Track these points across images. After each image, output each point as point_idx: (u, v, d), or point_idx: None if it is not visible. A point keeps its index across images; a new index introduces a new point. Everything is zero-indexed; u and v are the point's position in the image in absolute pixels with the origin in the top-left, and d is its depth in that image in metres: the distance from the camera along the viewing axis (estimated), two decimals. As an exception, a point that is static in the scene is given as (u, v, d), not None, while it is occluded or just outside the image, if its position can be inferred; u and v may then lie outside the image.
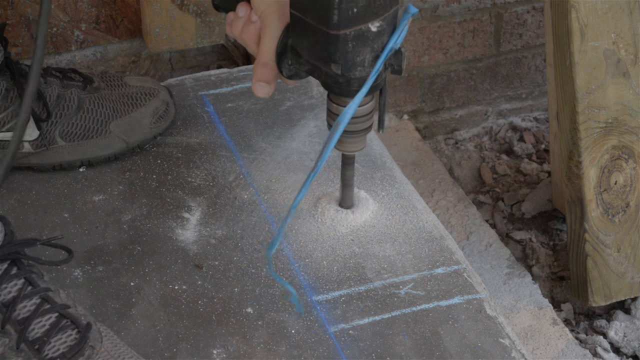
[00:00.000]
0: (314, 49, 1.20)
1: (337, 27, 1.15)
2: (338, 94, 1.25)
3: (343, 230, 1.42)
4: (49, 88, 1.48)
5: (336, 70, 1.20)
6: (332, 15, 1.14)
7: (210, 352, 1.27)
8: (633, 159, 1.62)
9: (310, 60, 1.23)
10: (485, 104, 2.08)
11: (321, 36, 1.17)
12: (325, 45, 1.18)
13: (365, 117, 1.30)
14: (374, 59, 1.20)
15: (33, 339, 1.16)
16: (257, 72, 1.26)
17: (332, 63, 1.19)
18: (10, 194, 1.48)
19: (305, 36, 1.19)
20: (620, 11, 1.57)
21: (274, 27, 1.24)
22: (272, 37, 1.24)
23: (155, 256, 1.39)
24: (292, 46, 1.24)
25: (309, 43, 1.20)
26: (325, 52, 1.19)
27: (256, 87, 1.27)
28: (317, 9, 1.16)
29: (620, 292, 1.66)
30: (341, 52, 1.18)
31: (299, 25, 1.19)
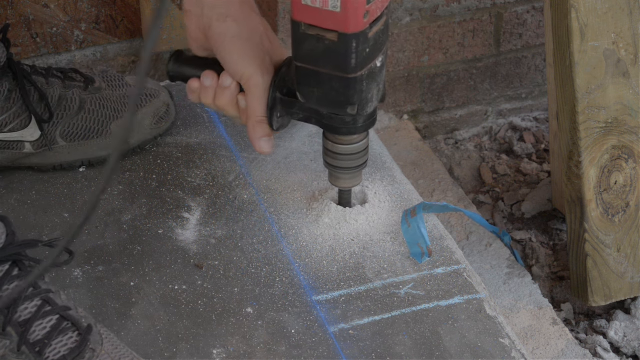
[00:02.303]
0: (327, 97, 1.23)
1: (355, 70, 1.19)
2: (345, 134, 1.30)
3: (343, 230, 1.42)
4: (50, 89, 1.48)
5: (352, 112, 1.24)
6: (350, 60, 1.17)
7: (210, 352, 1.27)
8: (633, 159, 1.62)
9: (319, 108, 1.26)
10: (485, 104, 2.08)
11: (338, 82, 1.20)
12: (344, 90, 1.21)
13: (360, 153, 1.34)
14: (377, 93, 1.25)
15: (34, 341, 1.16)
16: (256, 131, 1.28)
17: (349, 105, 1.23)
18: (10, 194, 1.48)
19: (317, 86, 1.22)
20: (620, 11, 1.57)
21: (260, 84, 1.25)
22: (262, 95, 1.26)
23: (155, 256, 1.39)
24: (282, 99, 1.26)
25: (321, 92, 1.22)
26: (342, 97, 1.22)
27: (262, 145, 1.29)
28: (332, 58, 1.18)
29: (620, 292, 1.66)
30: (358, 93, 1.21)
31: (309, 76, 1.21)
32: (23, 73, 1.46)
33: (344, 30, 1.15)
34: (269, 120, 1.27)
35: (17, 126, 1.46)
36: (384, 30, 1.20)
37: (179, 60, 1.33)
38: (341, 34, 1.15)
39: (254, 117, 1.27)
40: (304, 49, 1.19)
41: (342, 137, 1.30)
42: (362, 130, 1.29)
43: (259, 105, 1.27)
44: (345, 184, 1.38)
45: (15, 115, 1.46)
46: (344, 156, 1.33)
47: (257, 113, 1.27)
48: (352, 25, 1.14)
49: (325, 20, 1.15)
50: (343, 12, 1.13)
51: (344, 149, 1.32)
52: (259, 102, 1.26)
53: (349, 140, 1.31)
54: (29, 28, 1.71)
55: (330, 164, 1.35)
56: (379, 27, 1.19)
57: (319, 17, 1.15)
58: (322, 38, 1.17)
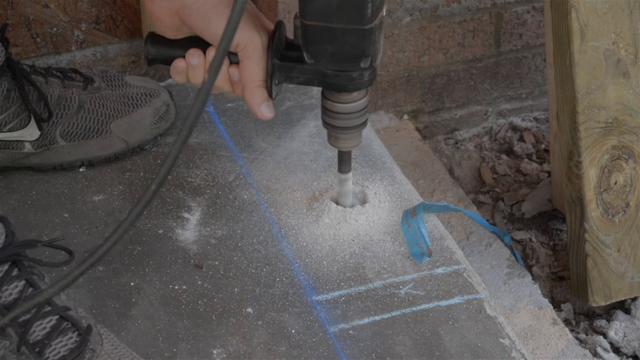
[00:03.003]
0: (341, 52, 1.21)
1: (370, 20, 1.18)
2: (351, 90, 1.27)
3: (343, 230, 1.42)
4: (50, 88, 1.48)
5: (365, 64, 1.23)
6: (366, 10, 1.17)
7: (210, 352, 1.27)
8: (633, 159, 1.62)
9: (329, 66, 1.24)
10: (485, 104, 2.08)
11: (353, 35, 1.19)
12: (359, 42, 1.20)
13: (360, 112, 1.31)
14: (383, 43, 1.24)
15: (34, 341, 1.16)
16: (256, 96, 1.23)
17: (364, 58, 1.22)
18: (10, 194, 1.48)
19: (331, 42, 1.21)
20: (620, 11, 1.57)
21: (259, 47, 1.21)
22: (260, 59, 1.21)
23: (155, 256, 1.39)
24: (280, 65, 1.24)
25: (334, 48, 1.21)
26: (357, 50, 1.21)
27: (263, 110, 1.24)
28: (346, 11, 1.17)
29: (620, 292, 1.66)
30: (373, 44, 1.20)
31: (322, 34, 1.20)
32: (22, 72, 1.46)
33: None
34: (268, 88, 1.24)
35: (17, 125, 1.46)
36: None
37: (156, 41, 1.27)
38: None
39: (253, 82, 1.22)
40: (317, 5, 1.17)
41: (344, 95, 1.28)
42: (368, 84, 1.27)
43: (258, 70, 1.22)
44: (344, 144, 1.35)
45: (15, 115, 1.46)
46: (343, 115, 1.30)
47: (256, 78, 1.22)
48: None
49: None
50: None
51: (343, 107, 1.29)
52: (258, 65, 1.21)
53: (351, 99, 1.28)
54: (29, 28, 1.71)
55: (330, 124, 1.32)
56: None
57: None
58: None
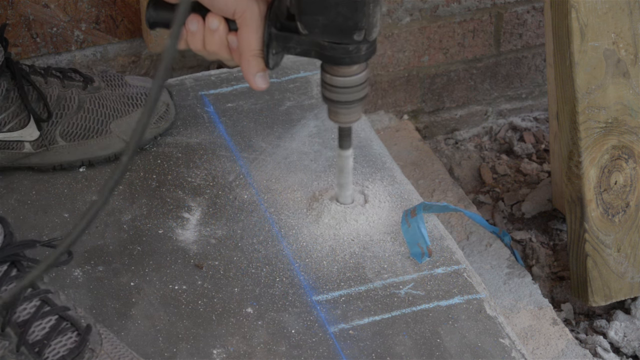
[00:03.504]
0: (333, 23, 1.19)
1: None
2: (348, 63, 1.25)
3: (343, 230, 1.42)
4: (49, 88, 1.48)
5: (358, 37, 1.20)
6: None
7: (210, 352, 1.27)
8: (633, 159, 1.62)
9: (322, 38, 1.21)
10: (485, 104, 2.08)
11: (345, 7, 1.17)
12: (351, 14, 1.17)
13: (360, 86, 1.29)
14: (380, 17, 1.21)
15: (33, 341, 1.16)
16: (251, 65, 1.21)
17: (357, 31, 1.19)
18: (10, 194, 1.48)
19: (323, 13, 1.18)
20: (620, 11, 1.57)
21: (256, 15, 1.18)
22: (257, 28, 1.19)
23: (155, 256, 1.39)
24: (277, 35, 1.21)
25: (327, 19, 1.19)
26: (350, 22, 1.18)
27: (257, 80, 1.22)
28: None
29: (620, 292, 1.66)
30: (366, 17, 1.18)
31: (314, 4, 1.18)
32: (21, 72, 1.46)
33: None
34: (264, 57, 1.22)
35: (16, 125, 1.46)
36: None
37: (158, 5, 1.25)
38: None
39: (249, 51, 1.20)
40: None
41: (343, 69, 1.26)
42: (365, 59, 1.25)
43: (254, 38, 1.20)
44: (344, 119, 1.32)
45: (14, 115, 1.46)
46: (343, 89, 1.28)
47: (252, 46, 1.20)
48: None
49: None
50: None
51: (343, 81, 1.27)
52: (254, 34, 1.19)
53: (348, 72, 1.26)
54: (29, 28, 1.71)
55: (329, 98, 1.30)
56: None
57: None
58: None
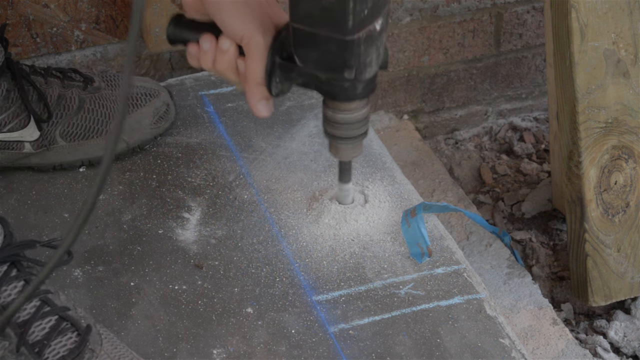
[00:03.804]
0: (324, 60, 1.20)
1: (352, 32, 1.16)
2: (343, 100, 1.26)
3: (343, 230, 1.42)
4: (49, 88, 1.48)
5: (349, 76, 1.21)
6: (347, 21, 1.15)
7: (210, 352, 1.27)
8: (633, 159, 1.62)
9: (316, 72, 1.23)
10: (485, 104, 2.08)
11: (334, 44, 1.17)
12: (340, 52, 1.18)
13: (360, 122, 1.30)
14: (377, 58, 1.22)
15: (33, 342, 1.16)
16: (254, 93, 1.24)
17: (347, 69, 1.20)
18: (10, 194, 1.48)
19: (314, 48, 1.20)
20: (620, 11, 1.57)
21: (260, 44, 1.22)
22: (261, 58, 1.22)
23: (155, 256, 1.39)
24: (281, 64, 1.24)
25: (318, 54, 1.20)
26: (339, 60, 1.19)
27: (259, 108, 1.25)
28: (328, 19, 1.16)
29: (620, 292, 1.66)
30: (355, 57, 1.18)
31: (306, 38, 1.19)
32: (21, 73, 1.46)
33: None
34: (267, 84, 1.24)
35: (16, 126, 1.46)
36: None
37: (178, 23, 1.29)
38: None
39: (253, 79, 1.23)
40: (301, 9, 1.16)
41: (341, 104, 1.27)
42: (361, 97, 1.25)
43: (258, 67, 1.23)
44: (345, 154, 1.34)
45: (14, 115, 1.46)
46: (343, 125, 1.29)
47: (256, 75, 1.23)
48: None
49: None
50: None
51: (343, 117, 1.28)
52: (258, 63, 1.23)
53: (349, 108, 1.27)
54: (29, 28, 1.71)
55: (330, 133, 1.31)
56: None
57: None
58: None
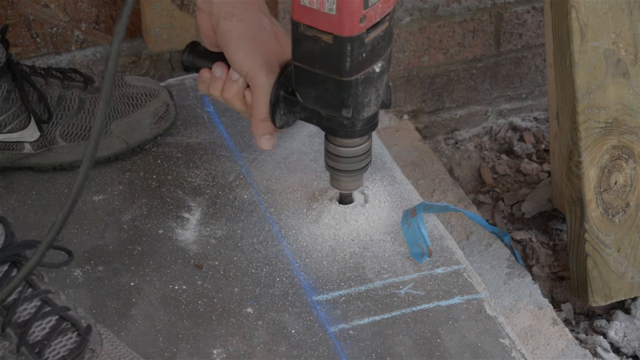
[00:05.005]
0: (323, 98, 1.23)
1: (349, 74, 1.19)
2: (342, 136, 1.30)
3: (343, 230, 1.42)
4: (50, 89, 1.48)
5: (347, 114, 1.24)
6: (344, 63, 1.18)
7: (210, 352, 1.27)
8: (633, 159, 1.62)
9: (316, 108, 1.26)
10: (485, 104, 2.08)
11: (332, 84, 1.21)
12: (338, 92, 1.21)
13: (361, 156, 1.33)
14: (376, 98, 1.25)
15: (33, 342, 1.16)
16: (259, 128, 1.30)
17: (344, 108, 1.23)
18: (10, 194, 1.48)
19: (314, 86, 1.22)
20: (620, 11, 1.57)
21: (264, 83, 1.27)
22: (265, 93, 1.27)
23: (155, 256, 1.39)
24: (285, 97, 1.27)
25: (317, 92, 1.23)
26: (337, 99, 1.22)
27: (262, 142, 1.31)
28: (327, 60, 1.19)
29: (620, 292, 1.66)
30: (352, 97, 1.21)
31: (306, 76, 1.22)
32: (22, 73, 1.46)
33: (339, 33, 1.15)
34: (271, 117, 1.28)
35: (17, 126, 1.46)
36: (384, 36, 1.20)
37: (193, 50, 1.34)
38: (336, 36, 1.16)
39: (257, 114, 1.29)
40: (302, 49, 1.20)
41: (341, 140, 1.31)
42: (360, 135, 1.29)
43: (262, 103, 1.28)
44: (345, 187, 1.38)
45: (15, 116, 1.46)
46: (344, 159, 1.33)
47: (260, 111, 1.29)
48: (347, 29, 1.15)
49: (322, 22, 1.16)
50: (338, 15, 1.14)
51: (344, 151, 1.32)
52: (262, 100, 1.28)
53: (350, 143, 1.31)
54: (29, 28, 1.71)
55: (331, 166, 1.35)
56: (377, 32, 1.18)
57: (316, 18, 1.16)
58: (318, 39, 1.17)
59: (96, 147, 1.04)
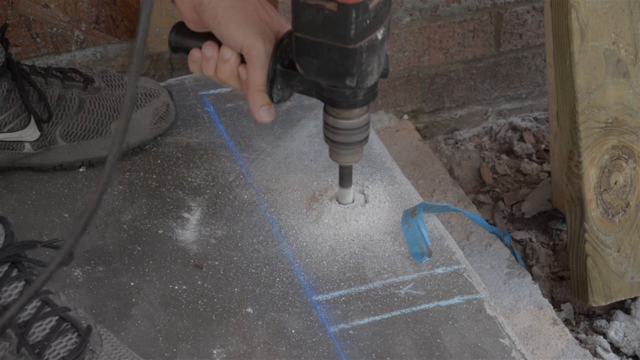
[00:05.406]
0: (326, 68, 1.22)
1: (354, 41, 1.18)
2: (344, 107, 1.28)
3: (343, 230, 1.42)
4: (50, 88, 1.48)
5: (351, 84, 1.22)
6: (349, 30, 1.16)
7: (210, 352, 1.27)
8: (633, 159, 1.62)
9: (318, 80, 1.25)
10: (485, 104, 2.08)
11: (336, 53, 1.19)
12: (342, 60, 1.20)
13: (361, 128, 1.31)
14: (378, 66, 1.23)
15: (33, 342, 1.16)
16: (256, 99, 1.26)
17: (348, 77, 1.21)
18: (10, 194, 1.48)
19: (316, 57, 1.21)
20: (620, 11, 1.57)
21: (262, 52, 1.24)
22: (262, 65, 1.24)
23: (155, 256, 1.39)
24: (282, 71, 1.25)
25: (320, 63, 1.21)
26: (341, 68, 1.20)
27: (261, 114, 1.27)
28: (331, 28, 1.17)
29: (620, 292, 1.66)
30: (357, 65, 1.20)
31: (308, 47, 1.21)
32: (22, 73, 1.46)
33: (344, 0, 1.14)
34: (268, 91, 1.26)
35: (16, 126, 1.46)
36: (386, 2, 1.19)
37: (180, 31, 1.31)
38: (341, 3, 1.14)
39: (254, 86, 1.26)
40: (304, 18, 1.18)
41: (342, 111, 1.29)
42: (362, 104, 1.27)
43: (260, 75, 1.25)
44: (345, 160, 1.35)
45: (14, 115, 1.46)
46: (344, 131, 1.31)
47: (257, 82, 1.25)
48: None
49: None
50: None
51: (344, 123, 1.30)
52: (260, 71, 1.25)
53: (349, 115, 1.29)
54: (29, 28, 1.71)
55: (331, 139, 1.32)
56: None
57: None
58: (321, 7, 1.16)
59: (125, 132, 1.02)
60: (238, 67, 1.26)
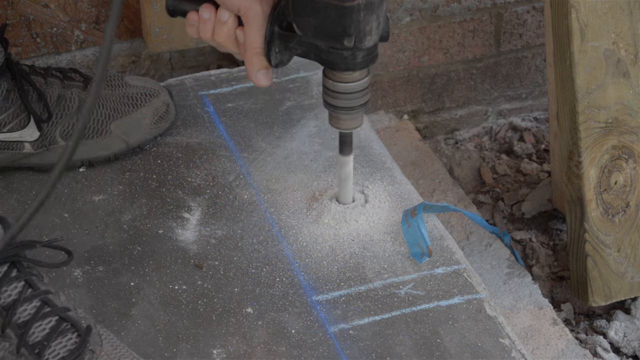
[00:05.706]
0: (324, 27, 1.19)
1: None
2: (343, 69, 1.25)
3: (343, 230, 1.42)
4: (49, 88, 1.48)
5: (348, 44, 1.20)
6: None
7: (210, 352, 1.27)
8: (633, 159, 1.62)
9: (316, 41, 1.22)
10: (485, 104, 2.08)
11: (334, 11, 1.17)
12: (340, 19, 1.18)
13: (361, 92, 1.29)
14: (377, 27, 1.21)
15: (33, 342, 1.16)
16: (254, 63, 1.24)
17: (346, 37, 1.19)
18: (10, 194, 1.48)
19: (313, 16, 1.19)
20: (620, 11, 1.57)
21: (259, 14, 1.21)
22: (260, 27, 1.22)
23: (155, 256, 1.39)
24: (280, 34, 1.23)
25: (317, 22, 1.19)
26: (339, 27, 1.18)
27: (259, 78, 1.25)
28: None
29: (620, 292, 1.66)
30: (355, 23, 1.18)
31: (305, 6, 1.18)
32: (21, 73, 1.46)
33: None
34: (266, 54, 1.24)
35: (16, 126, 1.46)
36: None
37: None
38: None
39: (252, 49, 1.23)
40: None
41: (341, 74, 1.27)
42: (361, 66, 1.25)
43: (257, 37, 1.23)
44: (345, 125, 1.33)
45: (14, 115, 1.46)
46: (343, 94, 1.29)
47: (254, 44, 1.23)
48: None
49: None
50: None
51: (343, 87, 1.28)
52: (257, 33, 1.22)
53: (349, 78, 1.27)
54: (29, 28, 1.71)
55: (330, 104, 1.30)
56: None
57: None
58: None
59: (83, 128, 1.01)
60: (235, 29, 1.24)
